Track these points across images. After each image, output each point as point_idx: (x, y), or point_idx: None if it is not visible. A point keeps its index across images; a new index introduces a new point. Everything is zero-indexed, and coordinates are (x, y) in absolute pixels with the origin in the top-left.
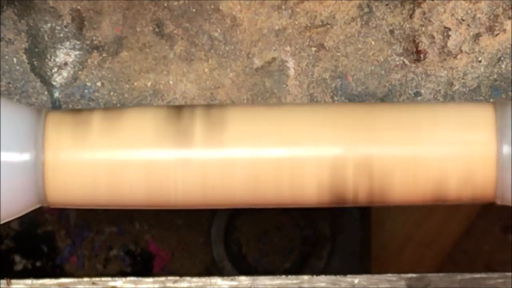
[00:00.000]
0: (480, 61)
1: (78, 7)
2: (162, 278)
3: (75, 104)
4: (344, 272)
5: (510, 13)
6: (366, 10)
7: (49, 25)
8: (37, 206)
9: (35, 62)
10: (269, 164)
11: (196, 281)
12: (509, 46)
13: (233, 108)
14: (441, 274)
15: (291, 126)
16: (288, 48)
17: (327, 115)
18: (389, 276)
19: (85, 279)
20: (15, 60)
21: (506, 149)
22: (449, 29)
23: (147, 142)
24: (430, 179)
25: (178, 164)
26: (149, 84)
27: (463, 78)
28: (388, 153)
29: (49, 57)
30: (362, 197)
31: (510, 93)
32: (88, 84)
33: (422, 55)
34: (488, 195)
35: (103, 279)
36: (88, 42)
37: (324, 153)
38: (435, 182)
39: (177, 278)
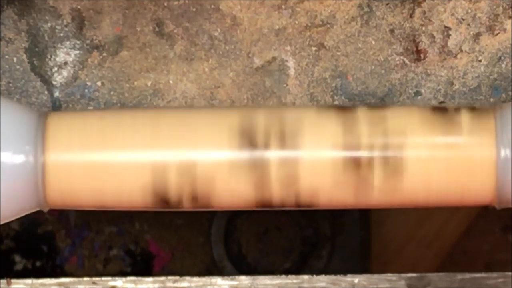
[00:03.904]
0: (480, 61)
1: (78, 6)
2: (162, 278)
3: (75, 104)
4: (344, 272)
5: (510, 13)
6: (366, 9)
7: (49, 24)
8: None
9: (35, 62)
10: None
11: (196, 281)
12: (509, 45)
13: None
14: (441, 274)
15: None
16: (288, 48)
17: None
18: (389, 276)
19: (85, 279)
20: (15, 59)
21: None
22: (449, 29)
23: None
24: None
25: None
26: (149, 83)
27: (463, 78)
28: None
29: (49, 57)
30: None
31: (510, 92)
32: (88, 83)
33: (422, 55)
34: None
35: (103, 278)
36: (88, 41)
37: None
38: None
39: (177, 278)
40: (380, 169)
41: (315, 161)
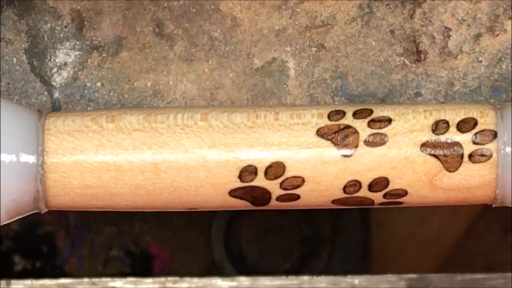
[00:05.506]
0: (480, 62)
1: (78, 7)
2: (162, 279)
3: (75, 105)
4: (344, 272)
5: (511, 13)
6: (366, 10)
7: (49, 25)
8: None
9: (35, 63)
10: None
11: (196, 281)
12: (510, 46)
13: None
14: (441, 275)
15: None
16: (288, 48)
17: None
18: (389, 277)
19: (85, 279)
20: (15, 60)
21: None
22: (450, 29)
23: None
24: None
25: None
26: (149, 84)
27: (463, 79)
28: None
29: (49, 58)
30: None
31: (510, 93)
32: (88, 84)
33: (422, 56)
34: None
35: (102, 279)
36: (88, 42)
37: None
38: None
39: (177, 278)
40: None
41: None
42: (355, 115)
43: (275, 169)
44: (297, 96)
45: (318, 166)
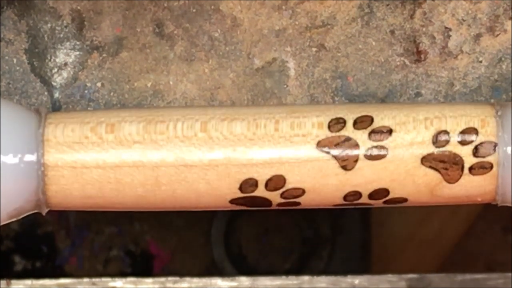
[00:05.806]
0: (480, 62)
1: (78, 7)
2: (162, 279)
3: (75, 105)
4: (345, 272)
5: (511, 13)
6: (366, 10)
7: (49, 25)
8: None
9: (35, 63)
10: None
11: (196, 281)
12: (510, 46)
13: None
14: (441, 275)
15: None
16: (288, 49)
17: None
18: (389, 277)
19: (85, 279)
20: (15, 60)
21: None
22: (450, 30)
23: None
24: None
25: None
26: (149, 84)
27: (463, 79)
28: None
29: (49, 58)
30: None
31: (510, 93)
32: (88, 84)
33: (422, 56)
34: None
35: (103, 279)
36: (88, 42)
37: None
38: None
39: (177, 278)
40: None
41: None
42: (356, 124)
43: (275, 182)
44: (297, 96)
45: (318, 178)
